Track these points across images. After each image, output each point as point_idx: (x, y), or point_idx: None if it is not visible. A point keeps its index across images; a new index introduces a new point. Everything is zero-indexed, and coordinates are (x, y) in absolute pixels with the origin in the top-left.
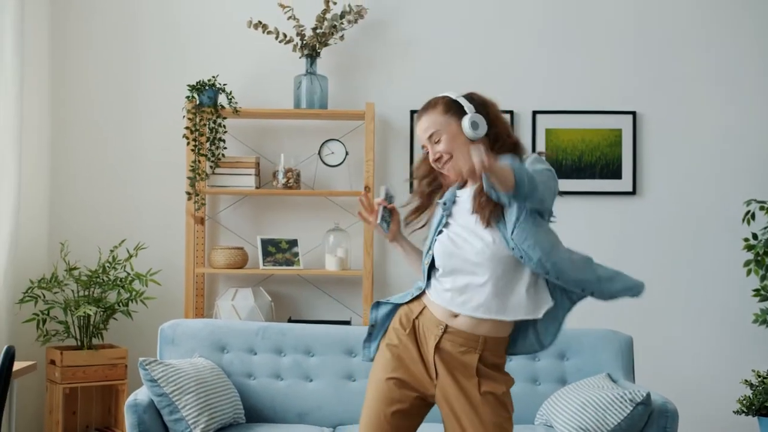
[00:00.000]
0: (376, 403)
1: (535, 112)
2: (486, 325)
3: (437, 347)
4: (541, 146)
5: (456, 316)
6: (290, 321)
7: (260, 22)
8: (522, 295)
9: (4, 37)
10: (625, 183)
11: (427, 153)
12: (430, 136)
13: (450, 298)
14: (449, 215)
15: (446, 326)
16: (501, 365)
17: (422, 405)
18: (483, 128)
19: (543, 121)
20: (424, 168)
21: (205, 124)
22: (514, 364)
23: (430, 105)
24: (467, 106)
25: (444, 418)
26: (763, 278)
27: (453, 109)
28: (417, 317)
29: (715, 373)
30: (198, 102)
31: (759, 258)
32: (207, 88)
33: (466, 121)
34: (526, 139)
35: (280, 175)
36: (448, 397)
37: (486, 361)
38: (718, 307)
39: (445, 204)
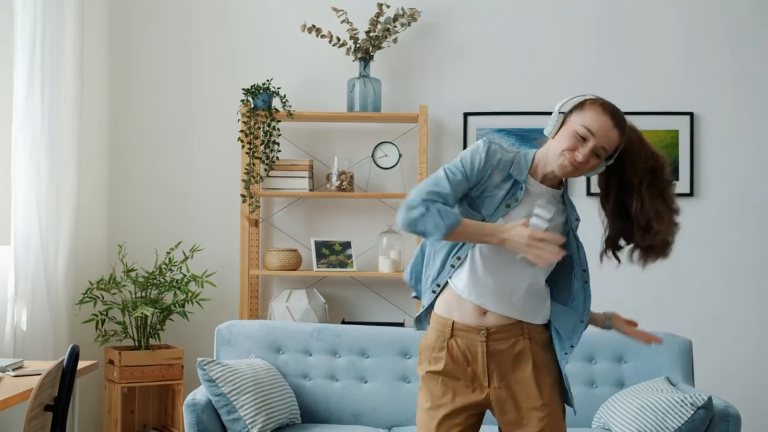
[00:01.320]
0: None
1: None
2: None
3: (488, 353)
4: None
5: (485, 313)
6: (343, 323)
7: (314, 26)
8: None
9: (65, 46)
10: (682, 185)
11: (580, 141)
12: (599, 148)
13: (492, 293)
14: (517, 199)
15: (487, 330)
16: (549, 340)
17: (477, 416)
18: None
19: None
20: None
21: (259, 128)
22: (571, 367)
23: (623, 127)
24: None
25: (501, 424)
26: None
27: (616, 150)
28: (451, 337)
29: None
30: (253, 105)
31: None
32: (261, 91)
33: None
34: None
35: (334, 178)
36: (504, 400)
37: (537, 341)
38: None
39: (515, 182)
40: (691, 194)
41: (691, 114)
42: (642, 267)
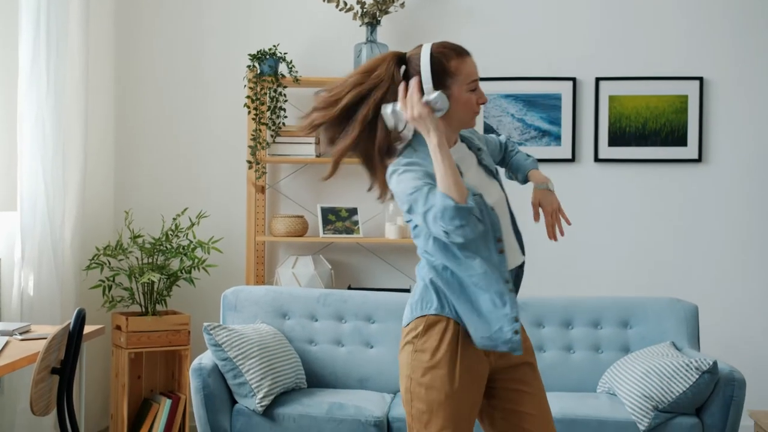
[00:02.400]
0: (472, 404)
1: (598, 79)
2: None
3: None
4: (604, 113)
5: None
6: (350, 289)
7: None
8: None
9: (70, 9)
10: (690, 150)
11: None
12: (476, 81)
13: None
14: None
15: None
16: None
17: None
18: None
19: (606, 88)
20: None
21: (265, 93)
22: (576, 332)
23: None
24: None
25: (504, 386)
26: None
27: None
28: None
29: None
30: (259, 71)
31: None
32: (268, 57)
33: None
34: (589, 107)
35: None
36: (500, 367)
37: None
38: None
39: (479, 150)
40: (699, 160)
41: (700, 79)
42: None
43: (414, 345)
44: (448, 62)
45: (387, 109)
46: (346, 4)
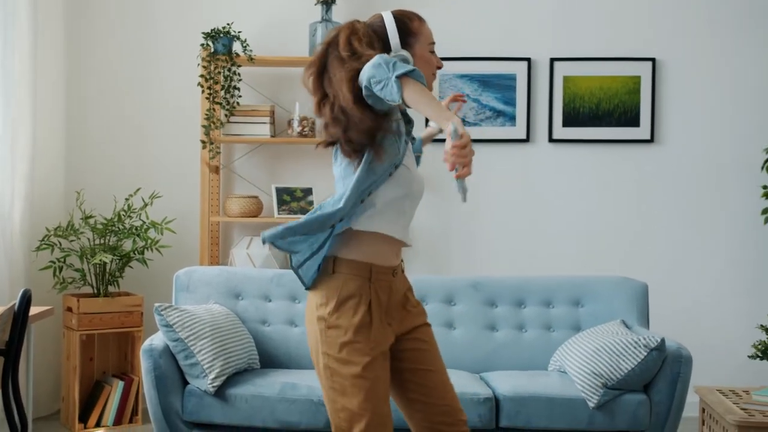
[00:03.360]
0: (387, 373)
1: (552, 60)
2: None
3: (391, 291)
4: (558, 94)
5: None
6: None
7: None
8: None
9: None
10: (643, 131)
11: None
12: (434, 45)
13: (402, 229)
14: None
15: (394, 268)
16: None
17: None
18: None
19: (561, 69)
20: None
21: (219, 72)
22: (529, 311)
23: None
24: None
25: (407, 347)
26: None
27: None
28: (371, 279)
29: (730, 319)
30: (213, 50)
31: None
32: (221, 35)
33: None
34: (543, 87)
35: (295, 124)
36: (402, 331)
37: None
38: (735, 255)
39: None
40: (651, 140)
41: (653, 60)
42: None
43: (327, 321)
44: (411, 23)
45: None
46: None
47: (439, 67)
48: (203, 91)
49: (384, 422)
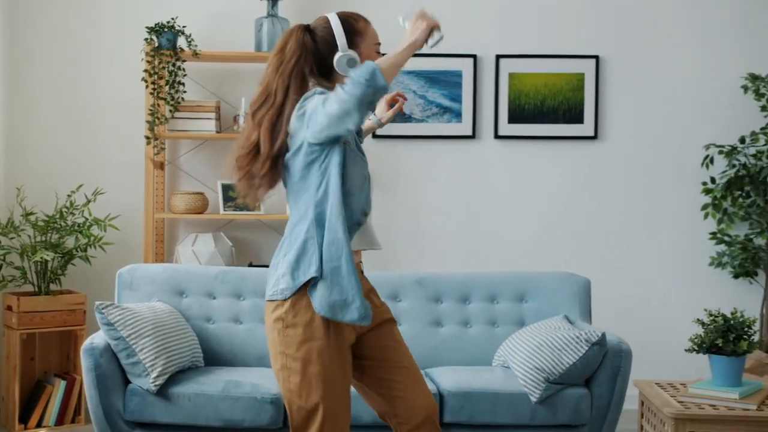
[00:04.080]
0: (346, 371)
1: (498, 56)
2: None
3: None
4: (504, 91)
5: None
6: (251, 266)
7: None
8: None
9: None
10: (587, 127)
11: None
12: (380, 45)
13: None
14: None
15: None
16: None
17: None
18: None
19: (506, 66)
20: None
21: (164, 67)
22: (474, 307)
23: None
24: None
25: (374, 345)
26: (720, 222)
27: None
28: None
29: (670, 314)
30: (157, 44)
31: (716, 202)
32: (166, 30)
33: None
34: (489, 83)
35: (241, 119)
36: (366, 329)
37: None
38: (676, 250)
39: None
40: (595, 137)
41: (596, 57)
42: None
43: (284, 321)
44: (357, 23)
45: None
46: None
47: None
48: (147, 87)
49: (341, 422)
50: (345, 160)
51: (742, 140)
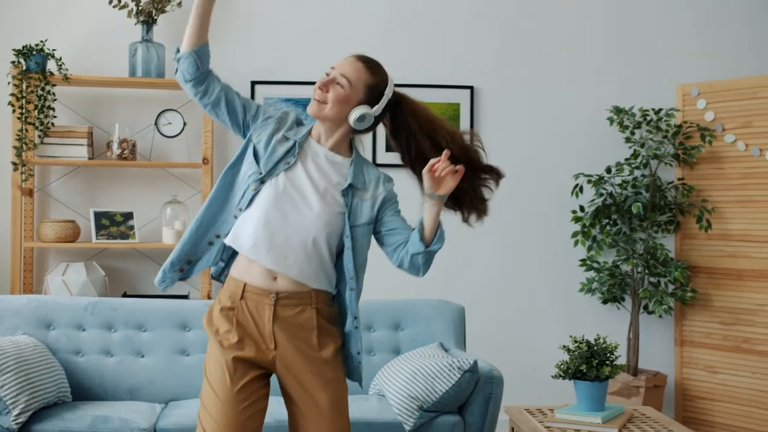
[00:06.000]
0: (223, 384)
1: None
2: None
3: (275, 317)
4: None
5: (275, 278)
6: (125, 296)
7: None
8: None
9: None
10: None
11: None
12: (339, 76)
13: (272, 257)
14: (295, 158)
15: (277, 293)
16: (336, 314)
17: (265, 377)
18: (367, 124)
19: None
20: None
21: (32, 91)
22: None
23: (372, 67)
24: (380, 106)
25: (287, 388)
26: (589, 249)
27: (374, 91)
28: (242, 298)
29: (542, 340)
30: (25, 68)
31: (585, 230)
32: (34, 53)
33: (359, 111)
34: None
35: (115, 146)
36: (289, 362)
37: (323, 313)
38: (546, 277)
39: (294, 142)
40: None
41: (471, 88)
42: (471, 221)
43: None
44: None
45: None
46: (120, 1)
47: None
48: (14, 111)
49: None
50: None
51: (609, 170)
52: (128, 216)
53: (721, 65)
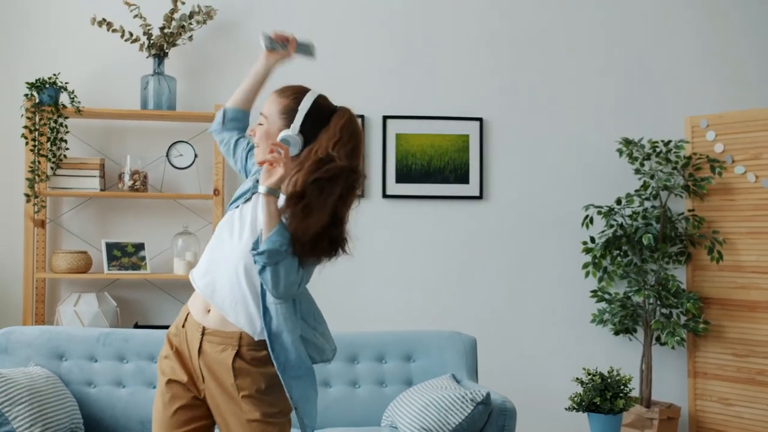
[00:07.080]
0: (160, 406)
1: (385, 117)
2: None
3: (200, 351)
4: (391, 151)
5: (209, 311)
6: (137, 326)
7: (104, 20)
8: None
9: None
10: (472, 187)
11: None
12: (260, 117)
13: (204, 283)
14: (253, 193)
15: (203, 328)
16: (263, 358)
17: (202, 403)
18: (295, 149)
19: (393, 126)
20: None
21: (45, 124)
22: (362, 367)
23: (282, 92)
24: (296, 122)
25: (217, 423)
26: (600, 280)
27: (290, 113)
28: (184, 324)
29: (554, 372)
30: (38, 100)
31: (596, 261)
32: (48, 86)
33: (280, 136)
34: (377, 144)
35: (126, 177)
36: (214, 398)
37: (245, 356)
38: (558, 308)
39: (254, 184)
40: (480, 197)
41: (480, 119)
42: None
43: None
44: None
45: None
46: (132, 34)
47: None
48: (27, 143)
49: None
50: None
51: (619, 201)
52: (140, 247)
53: (730, 96)
